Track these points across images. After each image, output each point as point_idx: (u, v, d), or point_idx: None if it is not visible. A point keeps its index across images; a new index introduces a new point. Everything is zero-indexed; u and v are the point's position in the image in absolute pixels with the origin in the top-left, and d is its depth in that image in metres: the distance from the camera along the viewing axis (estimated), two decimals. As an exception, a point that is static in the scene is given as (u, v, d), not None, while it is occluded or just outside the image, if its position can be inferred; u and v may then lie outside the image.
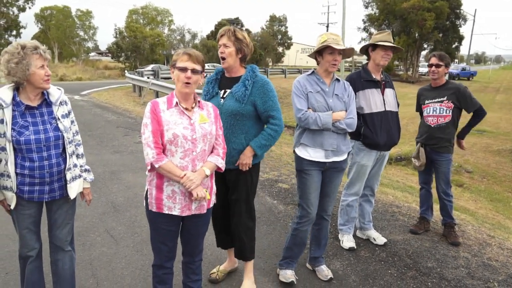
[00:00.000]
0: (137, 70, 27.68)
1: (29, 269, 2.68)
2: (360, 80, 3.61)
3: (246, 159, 2.87)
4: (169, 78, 25.84)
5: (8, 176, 2.41)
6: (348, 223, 3.96)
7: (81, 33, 53.83)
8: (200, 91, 3.21)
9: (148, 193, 2.46)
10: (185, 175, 2.31)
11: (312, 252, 3.40)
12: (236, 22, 58.36)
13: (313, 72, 3.15)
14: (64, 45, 50.47)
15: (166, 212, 2.41)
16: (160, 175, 2.38)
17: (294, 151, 3.20)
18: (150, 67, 30.77)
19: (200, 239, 2.66)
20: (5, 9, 37.04)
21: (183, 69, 2.32)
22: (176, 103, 2.38)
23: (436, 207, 4.56)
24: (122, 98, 17.83)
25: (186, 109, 2.39)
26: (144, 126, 2.34)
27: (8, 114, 2.36)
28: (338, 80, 3.16)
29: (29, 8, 39.61)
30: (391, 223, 4.62)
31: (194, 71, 2.34)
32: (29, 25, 54.02)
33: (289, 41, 64.19)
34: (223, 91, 2.93)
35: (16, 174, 2.44)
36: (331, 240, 4.05)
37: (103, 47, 63.11)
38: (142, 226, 4.25)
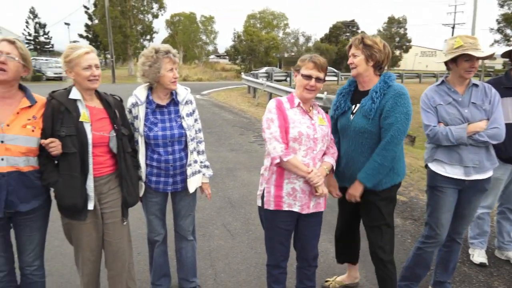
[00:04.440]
0: (252, 72, 28.84)
1: (156, 253, 2.95)
2: (500, 87, 3.13)
3: (353, 191, 2.63)
4: (282, 80, 26.52)
5: (139, 167, 2.68)
6: (480, 237, 3.64)
7: (204, 37, 58.13)
8: (321, 95, 3.16)
9: (266, 191, 2.49)
10: (312, 170, 2.34)
11: (438, 276, 3.09)
12: (351, 24, 56.99)
13: (442, 81, 2.80)
14: (188, 48, 55.08)
15: (286, 209, 2.44)
16: (280, 173, 2.42)
17: (426, 166, 2.91)
18: (264, 69, 31.77)
19: (315, 242, 2.63)
20: (142, 16, 41.83)
21: (308, 77, 2.39)
22: (298, 103, 2.45)
23: None
24: (237, 98, 18.72)
25: (306, 110, 2.46)
26: (270, 121, 2.38)
27: (142, 111, 2.64)
28: (475, 85, 2.74)
29: (161, 15, 44.07)
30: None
31: (318, 79, 2.40)
32: (160, 30, 60.24)
33: (407, 44, 60.39)
34: (354, 106, 2.67)
35: (146, 165, 2.70)
36: (458, 265, 3.65)
37: (221, 50, 67.35)
38: (256, 224, 4.36)
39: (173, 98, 2.72)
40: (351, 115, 2.65)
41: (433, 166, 2.81)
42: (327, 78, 2.57)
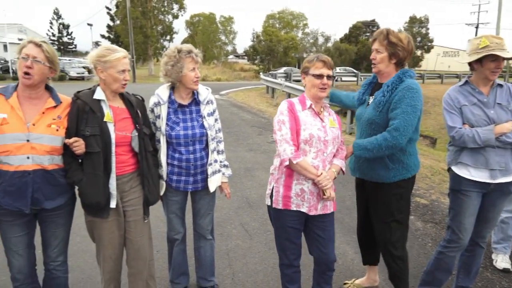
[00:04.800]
0: (270, 72, 28.86)
1: (175, 251, 2.98)
2: None
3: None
4: (301, 80, 26.23)
5: (161, 166, 2.71)
6: (504, 242, 3.56)
7: (223, 38, 58.50)
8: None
9: (274, 191, 2.52)
10: (321, 173, 2.37)
11: (460, 280, 3.02)
12: (371, 24, 56.32)
13: (466, 82, 2.73)
14: (208, 48, 55.49)
15: (294, 208, 2.47)
16: (290, 174, 2.45)
17: (449, 169, 2.83)
18: (282, 69, 31.72)
19: (331, 246, 2.61)
20: (162, 17, 42.39)
21: (319, 76, 2.42)
22: (310, 105, 2.47)
23: None
24: (256, 98, 18.76)
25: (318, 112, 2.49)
26: (281, 123, 2.41)
27: (164, 111, 2.68)
28: (500, 85, 2.67)
29: (181, 15, 44.56)
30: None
31: (328, 77, 2.44)
32: (180, 31, 60.77)
33: (429, 44, 59.27)
34: (371, 97, 2.77)
35: (167, 164, 2.74)
36: (481, 270, 3.57)
37: (240, 50, 67.51)
38: (274, 224, 4.37)
39: (195, 97, 2.75)
40: (367, 106, 2.75)
41: (457, 169, 2.74)
42: (347, 78, 2.60)
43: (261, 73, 28.91)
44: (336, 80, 28.59)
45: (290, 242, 2.57)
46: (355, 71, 34.03)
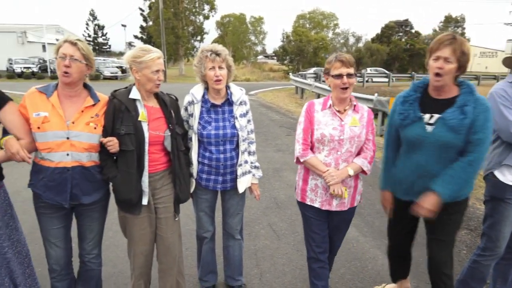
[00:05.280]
0: (300, 72, 28.70)
1: (204, 250, 3.01)
2: None
3: (429, 205, 2.33)
4: (330, 81, 25.96)
5: (191, 164, 2.75)
6: None
7: (252, 38, 58.65)
8: (362, 95, 3.08)
9: (296, 183, 2.74)
10: (327, 170, 2.47)
11: (497, 289, 2.90)
12: (405, 24, 55.00)
13: None
14: (237, 49, 55.80)
15: (309, 203, 2.63)
16: (307, 169, 2.61)
17: (487, 174, 2.67)
18: (312, 70, 31.47)
19: (339, 236, 2.81)
20: (193, 17, 42.96)
21: (339, 76, 2.43)
22: (330, 105, 2.53)
23: None
24: (285, 99, 18.70)
25: (339, 111, 2.52)
26: (298, 124, 2.62)
27: (197, 110, 2.71)
28: None
29: (212, 16, 45.00)
30: None
31: (349, 75, 2.43)
32: (211, 31, 61.54)
33: (465, 44, 57.24)
34: (428, 115, 2.37)
35: (198, 162, 2.77)
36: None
37: (269, 51, 67.55)
38: (302, 226, 4.33)
39: (228, 98, 2.77)
40: (427, 126, 2.36)
41: (501, 176, 2.59)
42: (378, 79, 2.53)
43: (290, 73, 28.78)
44: (367, 81, 28.12)
45: (313, 232, 2.70)
46: (386, 72, 33.30)
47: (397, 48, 48.87)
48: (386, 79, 30.25)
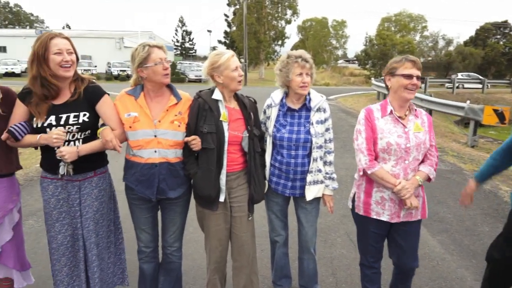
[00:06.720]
0: (382, 77, 27.58)
1: (277, 254, 2.99)
2: None
3: None
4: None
5: (265, 165, 2.77)
6: None
7: (333, 42, 57.72)
8: (452, 102, 2.82)
9: (356, 196, 2.55)
10: (399, 183, 2.30)
11: None
12: (503, 25, 50.06)
13: None
14: (318, 53, 55.31)
15: (374, 217, 2.46)
16: (370, 181, 2.44)
17: None
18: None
19: (411, 254, 2.52)
20: (275, 22, 43.52)
21: (409, 76, 2.32)
22: (391, 111, 2.40)
23: None
24: (366, 104, 17.98)
25: (400, 117, 2.40)
26: (358, 132, 2.45)
27: (274, 113, 2.73)
28: None
29: (294, 20, 45.20)
30: None
31: (418, 78, 2.35)
32: (292, 36, 61.77)
33: None
34: None
35: (270, 165, 2.78)
36: None
37: (351, 55, 65.89)
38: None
39: (306, 103, 2.74)
40: None
41: None
42: (470, 85, 2.31)
43: (372, 78, 27.80)
44: (457, 87, 26.11)
45: (371, 246, 2.58)
46: (480, 77, 30.54)
47: (494, 52, 44.59)
48: (480, 86, 27.78)
